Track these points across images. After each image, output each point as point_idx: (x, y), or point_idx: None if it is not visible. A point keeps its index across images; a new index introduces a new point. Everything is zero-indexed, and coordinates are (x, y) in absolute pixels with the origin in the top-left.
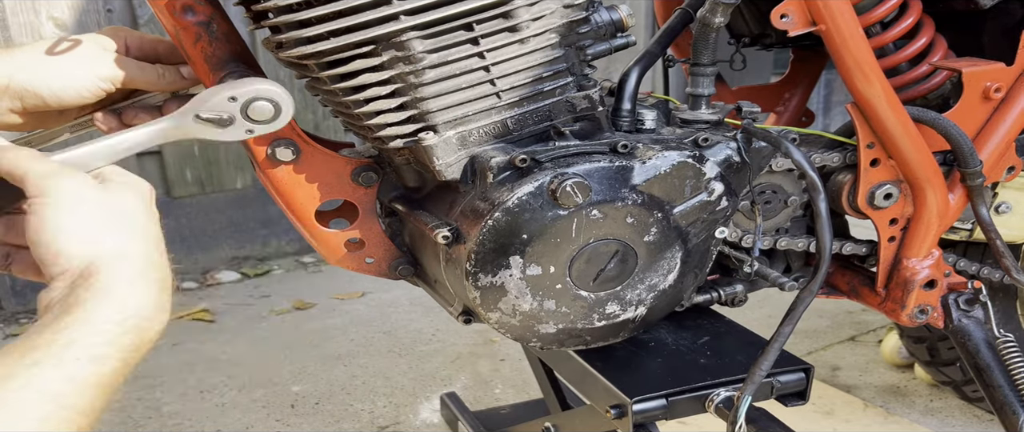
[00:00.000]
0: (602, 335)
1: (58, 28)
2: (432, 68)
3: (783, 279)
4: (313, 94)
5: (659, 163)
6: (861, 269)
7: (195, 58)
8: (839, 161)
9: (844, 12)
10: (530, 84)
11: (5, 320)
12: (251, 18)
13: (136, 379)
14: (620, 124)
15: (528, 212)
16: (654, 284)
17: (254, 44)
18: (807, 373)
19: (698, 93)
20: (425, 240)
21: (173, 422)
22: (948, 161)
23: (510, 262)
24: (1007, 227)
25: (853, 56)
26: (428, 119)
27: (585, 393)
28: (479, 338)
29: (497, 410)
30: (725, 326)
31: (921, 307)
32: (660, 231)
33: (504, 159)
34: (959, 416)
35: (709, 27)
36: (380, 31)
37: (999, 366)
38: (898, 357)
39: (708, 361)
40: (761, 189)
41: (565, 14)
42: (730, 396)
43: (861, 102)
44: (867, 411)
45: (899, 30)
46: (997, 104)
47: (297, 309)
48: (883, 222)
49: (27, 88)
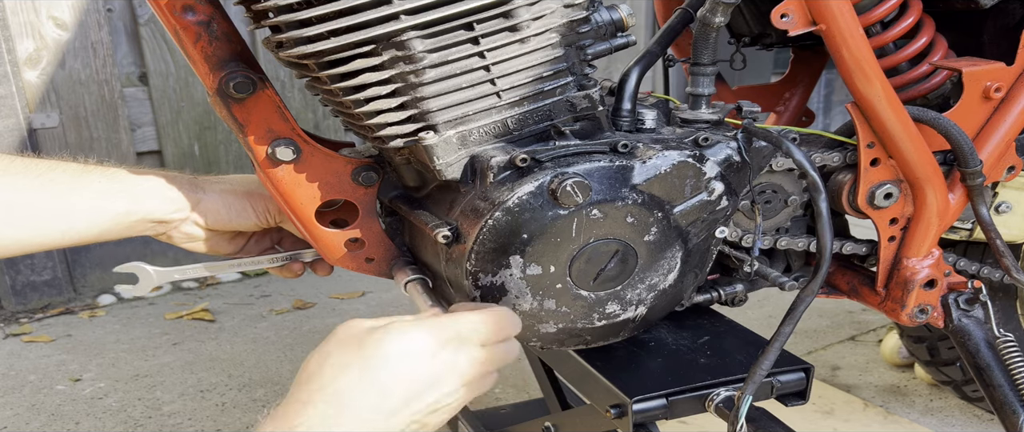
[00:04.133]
0: (602, 335)
1: (58, 28)
2: (432, 68)
3: (783, 279)
4: (313, 94)
5: (659, 163)
6: (861, 269)
7: (195, 58)
8: (839, 161)
9: (844, 12)
10: (530, 84)
11: (5, 320)
12: (251, 18)
13: (136, 378)
14: (620, 124)
15: (528, 212)
16: (654, 284)
17: (254, 44)
18: (807, 373)
19: (698, 93)
20: (425, 240)
21: (173, 422)
22: (948, 161)
23: (510, 262)
24: (1007, 227)
25: (853, 56)
26: (428, 119)
27: (585, 393)
28: None
29: (497, 410)
30: (725, 326)
31: (921, 307)
32: (660, 231)
33: (504, 159)
34: (959, 416)
35: (709, 27)
36: (380, 30)
37: (999, 366)
38: (898, 357)
39: (708, 361)
40: (761, 189)
41: (565, 14)
42: (730, 396)
43: (861, 102)
44: (867, 411)
45: (899, 30)
46: (997, 104)
47: (297, 309)
48: (883, 222)
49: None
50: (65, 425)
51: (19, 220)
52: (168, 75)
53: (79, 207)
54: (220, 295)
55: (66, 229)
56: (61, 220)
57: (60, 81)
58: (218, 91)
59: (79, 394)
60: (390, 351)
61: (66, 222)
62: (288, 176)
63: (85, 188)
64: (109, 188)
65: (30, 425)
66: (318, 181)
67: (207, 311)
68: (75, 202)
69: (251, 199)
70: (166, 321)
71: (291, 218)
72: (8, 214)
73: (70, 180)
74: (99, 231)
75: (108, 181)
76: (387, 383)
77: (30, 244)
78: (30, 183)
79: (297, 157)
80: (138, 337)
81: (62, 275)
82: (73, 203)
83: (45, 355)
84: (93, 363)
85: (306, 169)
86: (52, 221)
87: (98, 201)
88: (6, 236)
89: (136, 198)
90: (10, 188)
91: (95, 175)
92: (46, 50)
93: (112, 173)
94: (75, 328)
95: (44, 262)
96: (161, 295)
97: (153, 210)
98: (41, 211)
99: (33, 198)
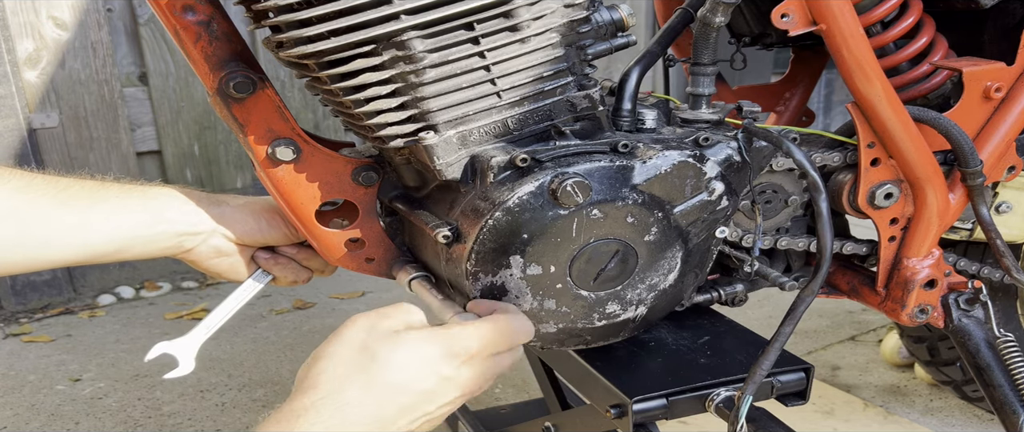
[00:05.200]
0: (602, 335)
1: (58, 28)
2: (432, 67)
3: (783, 279)
4: (313, 93)
5: (660, 163)
6: (861, 269)
7: (195, 58)
8: (840, 161)
9: (845, 11)
10: (531, 84)
11: (5, 320)
12: (251, 17)
13: (136, 378)
14: (620, 124)
15: (528, 211)
16: (654, 284)
17: (254, 44)
18: (807, 373)
19: (698, 93)
20: (425, 239)
21: (173, 422)
22: (948, 161)
23: (510, 261)
24: (1007, 227)
25: (854, 55)
26: (428, 118)
27: (585, 393)
28: None
29: (497, 410)
30: (725, 326)
31: (921, 307)
32: (660, 231)
33: (505, 158)
34: (959, 416)
35: (710, 26)
36: (380, 30)
37: (999, 366)
38: (898, 357)
39: (708, 361)
40: (761, 189)
41: (566, 13)
42: (730, 396)
43: (861, 102)
44: (867, 411)
45: (900, 30)
46: (998, 104)
47: (297, 309)
48: (883, 222)
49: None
50: (65, 425)
51: (36, 235)
52: (168, 75)
53: (96, 222)
54: (220, 295)
55: (82, 244)
56: (77, 235)
57: (60, 81)
58: (218, 91)
59: (79, 394)
60: (399, 364)
61: (82, 237)
62: (288, 176)
63: (103, 203)
64: (127, 202)
65: (30, 425)
66: (318, 181)
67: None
68: (92, 218)
69: (281, 213)
70: (166, 321)
71: (290, 218)
72: (25, 229)
73: (88, 195)
74: (117, 246)
75: (126, 195)
76: (391, 397)
77: (47, 260)
78: (48, 200)
79: (297, 157)
80: (138, 337)
81: (62, 275)
82: (90, 219)
83: (45, 355)
84: (93, 363)
85: (306, 169)
86: (68, 236)
87: (116, 216)
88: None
89: (155, 211)
90: (28, 204)
91: (113, 190)
92: (46, 50)
93: (130, 188)
94: (75, 328)
95: None
96: (161, 295)
97: (174, 222)
98: (58, 227)
99: (50, 214)
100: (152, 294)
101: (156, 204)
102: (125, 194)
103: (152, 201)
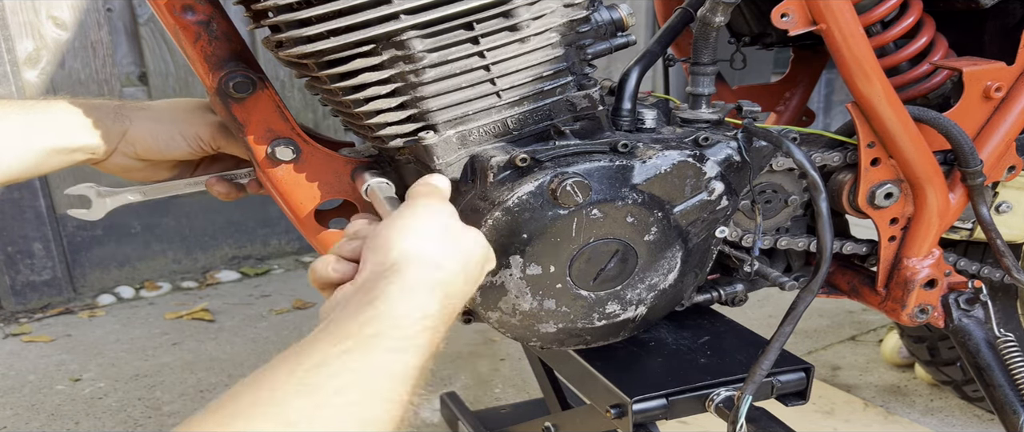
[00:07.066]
0: (602, 334)
1: (58, 27)
2: (432, 67)
3: (783, 278)
4: (313, 93)
5: (659, 162)
6: (861, 268)
7: (195, 58)
8: (840, 160)
9: (845, 11)
10: (530, 83)
11: (5, 320)
12: (251, 17)
13: (136, 378)
14: (620, 123)
15: (528, 211)
16: (654, 283)
17: (254, 43)
18: (807, 373)
19: (698, 92)
20: None
21: (173, 422)
22: (948, 160)
23: (510, 261)
24: (1007, 226)
25: (854, 55)
26: (428, 118)
27: (585, 393)
28: (479, 338)
29: (497, 410)
30: (725, 326)
31: (921, 306)
32: (660, 230)
33: (504, 158)
34: (959, 416)
35: (709, 26)
36: (380, 30)
37: (999, 366)
38: (898, 357)
39: (708, 361)
40: (761, 188)
41: (565, 13)
42: (730, 396)
43: (861, 101)
44: (867, 411)
45: (899, 29)
46: (998, 103)
47: (297, 309)
48: (883, 221)
49: (142, 139)
50: (65, 425)
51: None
52: (168, 75)
53: (4, 144)
54: (220, 295)
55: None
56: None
57: (60, 81)
58: (218, 91)
59: (79, 394)
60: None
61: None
62: (288, 176)
63: (6, 123)
64: (32, 122)
65: (30, 425)
66: (318, 181)
67: (207, 311)
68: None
69: (179, 127)
70: (166, 321)
71: (290, 217)
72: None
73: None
74: (27, 166)
75: (30, 114)
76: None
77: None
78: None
79: (297, 157)
80: (138, 337)
81: (62, 275)
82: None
83: (45, 355)
84: (93, 363)
85: (306, 169)
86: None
87: (24, 137)
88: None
89: (63, 132)
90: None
91: (14, 109)
92: (46, 50)
93: (31, 106)
94: (75, 328)
95: (44, 262)
96: (161, 295)
97: (83, 142)
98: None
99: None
100: (152, 294)
101: (64, 124)
102: (28, 112)
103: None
